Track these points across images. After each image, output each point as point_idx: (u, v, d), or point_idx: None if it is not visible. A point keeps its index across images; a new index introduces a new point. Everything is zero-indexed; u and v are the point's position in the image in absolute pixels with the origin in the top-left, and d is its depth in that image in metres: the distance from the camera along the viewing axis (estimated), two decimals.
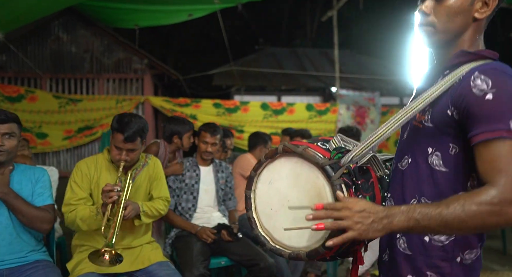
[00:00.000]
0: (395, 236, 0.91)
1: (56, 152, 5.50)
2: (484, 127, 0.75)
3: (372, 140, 0.83)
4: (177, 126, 2.55)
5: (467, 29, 0.85)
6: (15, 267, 1.62)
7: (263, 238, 0.94)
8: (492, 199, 0.72)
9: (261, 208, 0.97)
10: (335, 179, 0.81)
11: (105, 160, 1.88)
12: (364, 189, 0.87)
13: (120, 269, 1.76)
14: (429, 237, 0.85)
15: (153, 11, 5.13)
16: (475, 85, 0.77)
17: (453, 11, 0.83)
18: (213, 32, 10.95)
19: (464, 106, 0.78)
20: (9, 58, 5.60)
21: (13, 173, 1.69)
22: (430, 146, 0.85)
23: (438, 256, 0.85)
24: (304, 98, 8.04)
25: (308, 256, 0.84)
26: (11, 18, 3.26)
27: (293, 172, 0.90)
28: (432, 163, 0.85)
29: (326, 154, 0.87)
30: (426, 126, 0.85)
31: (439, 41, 0.87)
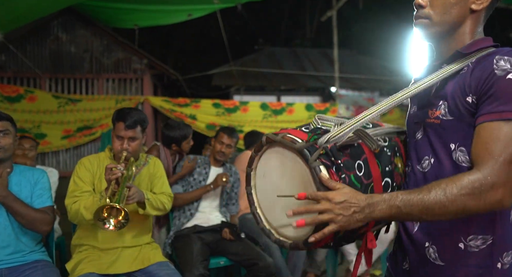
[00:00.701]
0: (422, 244, 0.84)
1: (56, 152, 5.50)
2: (493, 106, 0.72)
3: (352, 123, 0.79)
4: (174, 133, 2.52)
5: (464, 21, 0.83)
6: (14, 266, 1.62)
7: (268, 231, 0.94)
8: (474, 182, 0.69)
9: (262, 202, 0.97)
10: (312, 161, 0.79)
11: (107, 158, 1.89)
12: (347, 167, 0.83)
13: (119, 270, 1.76)
14: (464, 244, 0.79)
15: (153, 11, 5.13)
16: (498, 66, 0.73)
17: (449, 3, 0.82)
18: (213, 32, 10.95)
19: (484, 88, 0.74)
20: (9, 58, 5.60)
21: (12, 174, 1.69)
22: (453, 141, 0.79)
23: (476, 264, 0.78)
24: (304, 98, 8.04)
25: (305, 244, 0.82)
26: (10, 18, 3.26)
27: (279, 161, 0.90)
28: (457, 159, 0.79)
29: (305, 137, 0.85)
30: (444, 120, 0.80)
31: (436, 33, 0.85)
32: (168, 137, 2.53)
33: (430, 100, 0.86)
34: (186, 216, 2.36)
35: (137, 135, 1.81)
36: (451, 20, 0.83)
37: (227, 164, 2.58)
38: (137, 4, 4.80)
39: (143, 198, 1.75)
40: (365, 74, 8.44)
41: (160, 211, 1.90)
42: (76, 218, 1.72)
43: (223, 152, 2.45)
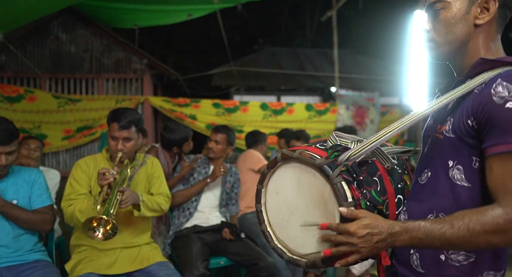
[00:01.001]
0: (408, 251, 0.87)
1: (56, 153, 5.50)
2: (500, 138, 0.72)
3: (371, 141, 0.81)
4: (175, 136, 2.50)
5: (471, 37, 0.83)
6: (13, 266, 1.62)
7: (280, 250, 0.94)
8: (498, 219, 0.70)
9: (273, 220, 0.97)
10: (333, 177, 0.80)
11: (104, 159, 1.89)
12: (367, 183, 0.85)
13: (119, 270, 1.76)
14: (445, 256, 0.81)
15: (153, 11, 5.13)
16: (496, 92, 0.73)
17: (450, 23, 0.83)
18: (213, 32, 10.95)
19: (483, 115, 0.74)
20: (8, 58, 5.60)
21: (9, 175, 1.71)
22: (451, 159, 0.81)
23: (453, 276, 0.81)
24: (304, 98, 8.04)
25: (323, 262, 0.83)
26: (10, 18, 3.26)
27: (295, 178, 0.90)
28: (453, 177, 0.80)
29: (323, 154, 0.86)
30: (447, 136, 0.81)
31: (444, 54, 0.87)
32: (169, 140, 2.51)
33: (443, 115, 0.86)
34: (185, 216, 2.36)
35: (131, 135, 1.80)
36: (455, 39, 0.84)
37: (227, 164, 2.58)
38: (137, 4, 4.80)
39: (137, 200, 1.75)
40: (365, 74, 8.44)
41: (156, 212, 1.89)
42: (71, 221, 1.73)
43: (210, 148, 2.45)
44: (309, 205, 0.86)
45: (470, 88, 0.79)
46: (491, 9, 0.81)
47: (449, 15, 0.83)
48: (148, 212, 1.83)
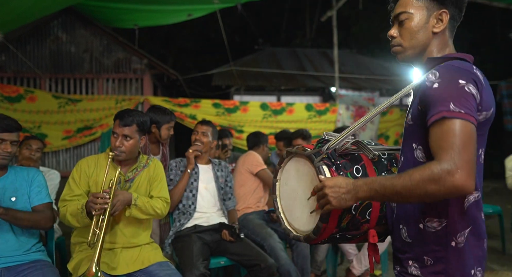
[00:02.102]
0: (398, 226, 1.02)
1: (56, 152, 5.50)
2: (431, 112, 0.88)
3: (344, 133, 1.02)
4: (157, 115, 2.45)
5: (430, 42, 1.02)
6: (12, 266, 1.62)
7: (288, 230, 1.16)
8: (433, 169, 0.83)
9: (285, 207, 1.20)
10: (316, 162, 1.03)
11: (106, 159, 1.88)
12: (344, 167, 1.05)
13: (120, 271, 1.76)
14: (423, 224, 0.96)
15: (153, 11, 5.13)
16: (427, 79, 0.92)
17: (413, 30, 1.01)
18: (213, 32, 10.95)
19: (424, 99, 0.92)
20: (8, 58, 5.60)
21: (7, 174, 1.72)
22: (414, 142, 0.98)
23: (433, 241, 0.95)
24: (304, 98, 8.05)
25: (314, 233, 1.03)
26: (10, 18, 3.26)
27: (296, 169, 1.15)
28: (417, 156, 0.97)
29: (312, 147, 1.10)
30: (409, 124, 1.00)
31: (409, 56, 1.04)
32: (151, 118, 2.41)
33: (409, 108, 1.04)
34: (186, 217, 2.36)
35: (132, 134, 1.80)
36: (418, 43, 1.02)
37: (215, 160, 2.55)
38: (137, 4, 4.80)
39: (129, 202, 1.76)
40: (365, 74, 8.44)
41: (149, 215, 1.87)
42: (65, 221, 1.74)
43: (200, 141, 2.41)
44: (305, 188, 1.09)
45: (416, 84, 0.99)
46: (444, 20, 1.00)
47: (412, 24, 1.01)
48: (140, 214, 1.82)
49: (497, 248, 3.68)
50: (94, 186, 1.80)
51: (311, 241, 1.06)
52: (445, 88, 0.88)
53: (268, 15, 13.13)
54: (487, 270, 3.15)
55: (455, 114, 0.85)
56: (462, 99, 0.86)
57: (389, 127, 6.53)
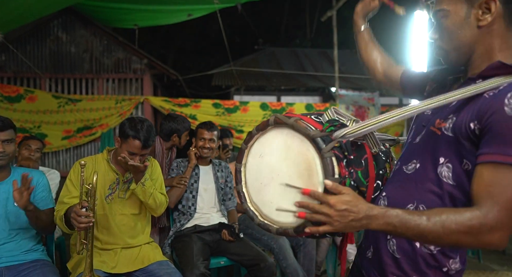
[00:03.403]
0: (385, 236, 0.90)
1: (56, 152, 5.50)
2: (499, 148, 0.72)
3: (370, 123, 0.79)
4: (177, 125, 2.51)
5: (477, 39, 0.82)
6: (12, 265, 1.62)
7: (252, 213, 0.93)
8: (473, 221, 0.72)
9: (250, 182, 0.95)
10: (325, 151, 0.79)
11: (104, 160, 1.88)
12: (356, 163, 0.86)
13: (119, 269, 1.76)
14: (420, 243, 0.86)
15: (153, 11, 5.13)
16: (509, 103, 0.71)
17: (452, 30, 0.84)
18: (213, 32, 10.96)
19: (489, 122, 0.73)
20: (8, 58, 5.60)
21: (10, 177, 1.72)
22: (444, 156, 0.81)
23: (426, 263, 0.85)
24: (304, 98, 8.05)
25: (295, 232, 0.84)
26: (10, 18, 3.26)
27: (284, 145, 0.88)
28: (440, 173, 0.82)
29: (319, 126, 0.85)
30: (445, 134, 0.81)
31: (454, 59, 0.87)
32: (170, 128, 2.52)
33: (445, 110, 0.85)
34: (186, 218, 2.36)
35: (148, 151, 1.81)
36: (461, 44, 0.84)
37: (215, 160, 2.56)
38: (137, 4, 4.80)
39: (139, 179, 1.79)
40: (365, 74, 8.40)
41: (149, 203, 1.87)
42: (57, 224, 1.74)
43: (208, 148, 2.40)
44: (293, 173, 0.85)
45: (480, 91, 0.78)
46: (492, 9, 0.79)
47: (450, 23, 0.84)
48: (142, 195, 1.83)
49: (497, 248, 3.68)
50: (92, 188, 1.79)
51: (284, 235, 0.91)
52: None
53: (268, 15, 13.13)
54: (487, 270, 3.15)
55: None
56: None
57: (389, 127, 6.53)
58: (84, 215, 1.47)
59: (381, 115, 0.80)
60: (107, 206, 1.84)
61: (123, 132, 1.78)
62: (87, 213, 1.48)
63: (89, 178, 1.80)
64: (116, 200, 1.86)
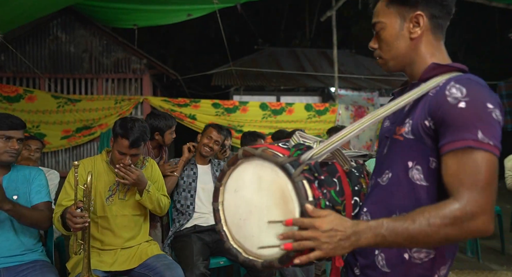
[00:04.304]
0: (372, 252, 0.90)
1: (55, 152, 5.49)
2: (453, 136, 0.76)
3: (334, 141, 0.83)
4: (158, 122, 2.44)
5: (411, 49, 0.91)
6: (12, 266, 1.62)
7: (235, 251, 0.92)
8: (455, 213, 0.72)
9: (230, 219, 0.94)
10: (295, 176, 0.79)
11: (103, 162, 1.88)
12: (327, 183, 0.86)
13: (118, 267, 1.77)
14: (409, 255, 0.85)
15: (152, 11, 5.13)
16: (450, 93, 0.78)
17: (389, 41, 0.92)
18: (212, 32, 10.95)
19: (439, 115, 0.78)
20: (8, 58, 5.59)
21: (10, 172, 1.73)
22: (410, 159, 0.84)
23: (416, 274, 0.85)
24: (303, 98, 8.05)
25: (280, 261, 0.82)
26: (9, 18, 3.25)
27: (256, 176, 0.88)
28: (412, 177, 0.84)
29: (286, 152, 0.87)
30: (406, 138, 0.85)
31: (394, 66, 0.94)
32: (152, 126, 2.43)
33: (401, 117, 0.90)
34: (185, 218, 2.36)
35: (139, 151, 1.81)
36: (398, 54, 0.92)
37: (214, 160, 2.56)
38: (137, 4, 4.80)
39: (143, 187, 1.79)
40: (364, 74, 8.44)
41: (156, 207, 1.89)
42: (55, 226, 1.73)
43: (210, 147, 2.40)
44: (269, 203, 0.85)
45: (425, 91, 0.84)
46: (421, 23, 0.89)
47: (387, 34, 0.92)
48: (149, 203, 1.84)
49: (496, 248, 3.68)
50: (92, 190, 1.79)
51: (271, 269, 0.86)
52: (474, 111, 0.74)
53: (267, 15, 13.13)
54: (486, 269, 3.15)
55: (483, 145, 0.73)
56: (491, 127, 0.74)
57: None
58: (79, 215, 1.47)
59: (342, 131, 0.84)
60: (108, 208, 1.83)
61: (113, 131, 1.79)
62: (82, 213, 1.48)
63: (84, 179, 1.80)
64: (116, 202, 1.86)
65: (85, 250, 1.53)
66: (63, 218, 1.59)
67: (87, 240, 1.53)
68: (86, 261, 1.52)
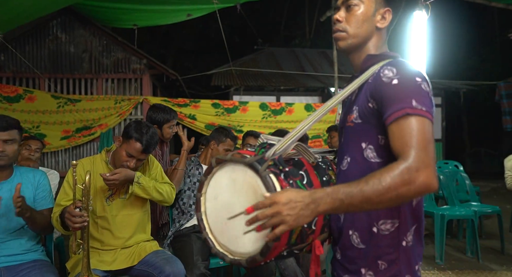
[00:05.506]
0: (347, 233, 0.97)
1: (55, 152, 5.49)
2: (392, 108, 0.85)
3: (292, 135, 0.91)
4: (157, 115, 2.41)
5: (372, 36, 1.01)
6: (12, 266, 1.62)
7: (222, 254, 0.98)
8: (402, 169, 0.79)
9: (213, 225, 1.00)
10: (262, 171, 0.87)
11: (102, 161, 1.87)
12: (293, 174, 0.93)
13: (118, 266, 1.77)
14: (377, 228, 0.93)
15: (152, 11, 5.13)
16: (384, 74, 0.89)
17: (361, 19, 0.99)
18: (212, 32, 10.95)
19: (378, 95, 0.89)
20: (8, 58, 5.59)
21: (13, 176, 1.72)
22: (363, 141, 0.94)
23: (387, 244, 0.92)
24: (303, 98, 8.05)
25: (261, 254, 0.88)
26: (9, 17, 3.25)
27: (230, 180, 0.95)
28: (367, 156, 0.94)
29: (253, 153, 0.95)
30: (356, 123, 0.95)
31: (351, 45, 1.01)
32: (150, 118, 2.41)
33: (350, 106, 1.00)
34: (186, 218, 2.36)
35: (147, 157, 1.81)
36: (362, 34, 1.00)
37: None
38: (136, 4, 4.80)
39: (131, 180, 1.77)
40: None
41: (156, 197, 1.88)
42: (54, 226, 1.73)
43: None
44: (245, 202, 0.90)
45: (365, 79, 0.95)
46: (387, 18, 1.00)
47: (360, 12, 0.99)
48: (143, 193, 1.83)
49: (496, 248, 3.68)
50: (92, 189, 1.79)
51: (255, 264, 0.91)
52: (406, 84, 0.86)
53: (267, 15, 13.13)
54: (486, 269, 3.15)
55: (418, 111, 0.83)
56: (422, 96, 0.85)
57: None
58: (78, 215, 1.47)
59: (299, 125, 0.92)
60: (108, 208, 1.83)
61: (127, 132, 1.77)
62: (81, 213, 1.48)
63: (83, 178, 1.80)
64: (117, 201, 1.86)
65: (84, 249, 1.53)
66: (62, 218, 1.59)
67: (86, 239, 1.53)
68: (85, 261, 1.52)
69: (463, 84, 8.76)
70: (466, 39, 11.12)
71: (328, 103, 0.95)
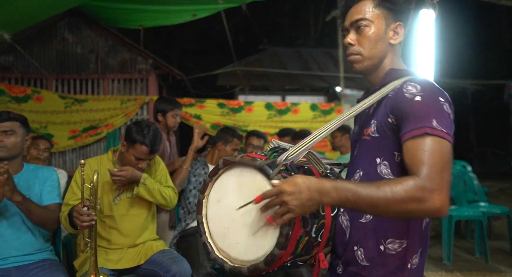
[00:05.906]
0: (352, 248, 0.94)
1: (62, 152, 5.54)
2: (411, 125, 0.84)
3: (306, 142, 0.89)
4: (162, 104, 2.57)
5: (387, 54, 0.99)
6: (22, 265, 1.64)
7: (221, 261, 0.94)
8: (418, 186, 0.77)
9: (214, 230, 0.97)
10: (273, 176, 0.84)
11: (109, 161, 1.89)
12: None
13: (124, 265, 1.79)
14: (384, 246, 0.91)
15: (158, 11, 5.15)
16: (407, 90, 0.87)
17: (373, 40, 0.96)
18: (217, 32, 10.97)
19: (399, 110, 0.87)
20: (16, 59, 5.65)
21: (22, 172, 1.73)
22: (378, 156, 0.92)
23: (392, 264, 0.91)
24: (309, 98, 8.02)
25: (265, 263, 0.84)
26: (17, 18, 3.29)
27: (237, 183, 0.92)
28: (381, 172, 0.91)
29: (263, 157, 0.93)
30: (373, 137, 0.93)
31: (367, 67, 0.99)
32: (155, 108, 2.59)
33: (367, 119, 0.99)
34: (191, 217, 2.37)
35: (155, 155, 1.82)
36: (377, 54, 0.97)
37: None
38: (142, 5, 4.82)
39: (137, 180, 1.78)
40: None
41: (159, 200, 1.88)
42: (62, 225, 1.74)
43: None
44: (250, 207, 0.87)
45: (385, 93, 0.94)
46: (400, 33, 0.98)
47: (371, 32, 0.96)
48: (148, 195, 1.84)
49: (505, 249, 3.64)
50: (100, 189, 1.80)
51: (257, 273, 0.87)
52: (428, 103, 0.84)
53: (272, 15, 13.12)
54: (495, 271, 3.12)
55: (437, 132, 0.81)
56: (443, 117, 0.83)
57: None
58: (86, 214, 1.48)
59: (314, 133, 0.92)
60: (115, 207, 1.85)
61: (129, 137, 1.77)
62: (89, 212, 1.49)
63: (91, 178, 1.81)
64: (124, 201, 1.87)
65: (92, 248, 1.54)
66: (71, 217, 1.60)
67: (93, 238, 1.55)
68: (93, 259, 1.53)
69: (470, 83, 8.68)
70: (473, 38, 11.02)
71: (344, 114, 0.94)
